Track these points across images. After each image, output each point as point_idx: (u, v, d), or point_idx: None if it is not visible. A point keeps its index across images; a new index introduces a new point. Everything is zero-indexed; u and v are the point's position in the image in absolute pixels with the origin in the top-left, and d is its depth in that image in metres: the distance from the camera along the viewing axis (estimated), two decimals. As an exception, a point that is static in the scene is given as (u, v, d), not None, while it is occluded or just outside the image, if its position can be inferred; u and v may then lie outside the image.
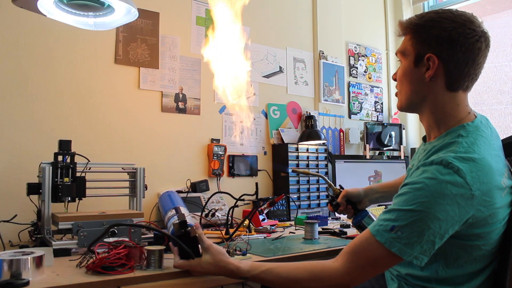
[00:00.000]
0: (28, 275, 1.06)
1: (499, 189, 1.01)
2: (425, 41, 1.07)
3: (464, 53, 1.04)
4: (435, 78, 1.08)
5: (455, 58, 1.05)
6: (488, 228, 1.01)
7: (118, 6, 1.51)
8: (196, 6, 2.37)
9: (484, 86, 3.14)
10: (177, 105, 2.25)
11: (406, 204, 0.98)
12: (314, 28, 2.93)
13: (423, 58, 1.08)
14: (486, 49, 1.06)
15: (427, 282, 1.10)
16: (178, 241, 1.16)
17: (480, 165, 0.98)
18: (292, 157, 2.50)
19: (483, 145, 1.04)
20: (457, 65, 1.05)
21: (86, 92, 1.99)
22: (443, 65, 1.06)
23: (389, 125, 3.10)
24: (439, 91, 1.09)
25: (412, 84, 1.12)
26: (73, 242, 1.39)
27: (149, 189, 1.77)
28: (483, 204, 0.98)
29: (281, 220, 2.28)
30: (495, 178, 1.01)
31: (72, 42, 1.96)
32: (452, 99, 1.09)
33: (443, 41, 1.04)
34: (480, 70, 1.08)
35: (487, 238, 1.03)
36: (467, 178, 0.96)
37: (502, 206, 1.02)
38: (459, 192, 0.95)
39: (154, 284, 1.14)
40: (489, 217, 1.00)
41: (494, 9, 3.24)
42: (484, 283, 1.08)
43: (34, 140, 1.84)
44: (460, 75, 1.06)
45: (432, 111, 1.12)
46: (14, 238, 1.66)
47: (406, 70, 1.13)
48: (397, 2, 3.49)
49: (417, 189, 0.97)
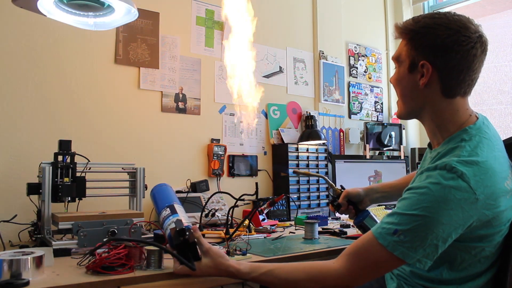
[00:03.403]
0: (28, 275, 1.06)
1: (503, 192, 1.01)
2: (419, 48, 1.06)
3: (459, 61, 1.03)
4: (430, 85, 1.07)
5: (449, 66, 1.04)
6: (492, 230, 1.01)
7: (118, 6, 1.51)
8: (196, 6, 2.37)
9: (484, 86, 3.14)
10: (177, 105, 2.25)
11: (410, 209, 0.97)
12: (314, 28, 2.93)
13: (417, 65, 1.07)
14: (482, 54, 1.05)
15: (430, 282, 1.11)
16: (177, 256, 1.14)
17: (484, 168, 0.98)
18: (292, 157, 2.50)
19: (486, 147, 1.03)
20: (451, 73, 1.04)
21: (86, 92, 1.99)
22: (437, 72, 1.05)
23: (389, 125, 3.10)
24: (436, 98, 1.08)
25: (407, 90, 1.12)
26: (73, 242, 1.38)
27: (149, 189, 1.77)
28: (487, 207, 0.97)
29: (281, 220, 2.28)
30: (499, 181, 1.00)
31: (72, 42, 1.96)
32: (450, 105, 1.08)
33: (437, 49, 1.04)
34: (477, 75, 1.07)
35: (491, 240, 1.03)
36: (471, 183, 0.95)
37: (506, 208, 1.02)
38: (463, 197, 0.94)
39: (154, 284, 1.14)
40: (493, 219, 1.00)
41: (494, 9, 3.24)
42: (486, 284, 1.08)
43: (34, 140, 1.84)
44: (455, 82, 1.05)
45: (432, 118, 1.11)
46: (14, 238, 1.66)
47: (401, 76, 1.12)
48: (397, 2, 3.49)
49: (421, 194, 0.97)
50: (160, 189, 1.57)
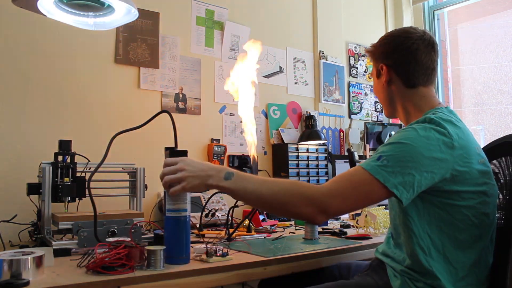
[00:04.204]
0: (28, 275, 1.06)
1: (475, 152, 1.12)
2: (378, 58, 1.32)
3: (404, 55, 1.25)
4: (392, 82, 1.28)
5: (399, 62, 1.27)
6: (466, 187, 1.08)
7: (118, 6, 1.51)
8: (196, 6, 2.37)
9: (484, 86, 3.14)
10: (177, 105, 2.25)
11: (395, 140, 1.09)
12: (314, 28, 2.93)
13: (379, 70, 1.31)
14: (427, 48, 1.25)
15: (431, 279, 1.12)
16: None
17: (459, 127, 1.12)
18: (292, 157, 2.50)
19: (458, 120, 1.18)
20: (403, 66, 1.26)
21: (86, 92, 1.99)
22: (392, 69, 1.28)
23: (389, 125, 3.10)
24: (401, 90, 1.28)
25: (380, 93, 1.34)
26: (73, 242, 1.38)
27: (149, 189, 1.77)
28: (462, 159, 1.08)
29: (281, 220, 2.28)
30: (472, 141, 1.15)
31: (72, 42, 1.96)
32: (415, 94, 1.26)
33: (387, 52, 1.29)
34: (430, 65, 1.26)
35: (467, 200, 1.09)
36: (448, 129, 1.08)
37: (477, 169, 1.10)
38: (442, 139, 1.07)
39: (154, 284, 1.14)
40: (466, 173, 1.08)
41: (494, 9, 3.24)
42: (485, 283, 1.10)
43: (34, 140, 1.84)
44: (410, 73, 1.25)
45: (403, 107, 1.29)
46: (14, 238, 1.65)
47: (375, 85, 1.37)
48: (397, 2, 3.49)
49: (405, 131, 1.11)
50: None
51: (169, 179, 1.18)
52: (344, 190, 1.07)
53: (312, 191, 1.09)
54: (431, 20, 3.46)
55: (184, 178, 1.16)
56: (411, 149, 1.05)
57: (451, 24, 3.55)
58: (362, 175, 1.06)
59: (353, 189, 1.07)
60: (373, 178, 1.04)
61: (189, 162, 1.20)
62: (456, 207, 1.10)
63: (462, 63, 3.48)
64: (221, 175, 1.15)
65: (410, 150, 1.05)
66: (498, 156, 1.28)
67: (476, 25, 3.45)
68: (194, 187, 1.17)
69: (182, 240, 1.27)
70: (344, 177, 1.10)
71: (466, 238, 1.12)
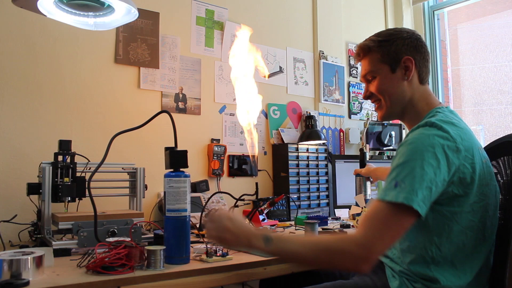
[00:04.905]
0: (28, 275, 1.06)
1: (478, 152, 1.13)
2: (399, 51, 1.26)
3: (426, 50, 1.29)
4: (412, 77, 1.27)
5: (424, 55, 1.28)
6: (472, 189, 1.09)
7: (118, 6, 1.51)
8: (196, 6, 2.37)
9: (484, 86, 3.14)
10: (177, 105, 2.25)
11: (402, 159, 1.07)
12: (314, 28, 2.93)
13: (399, 63, 1.26)
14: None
15: (429, 282, 1.11)
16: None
17: (460, 128, 1.13)
18: (292, 157, 2.50)
19: (458, 119, 1.20)
20: (424, 61, 1.28)
21: (86, 92, 1.99)
22: (416, 63, 1.27)
23: (389, 125, 3.09)
24: (415, 86, 1.27)
25: (394, 88, 1.27)
26: (73, 242, 1.39)
27: (149, 189, 1.77)
28: (466, 160, 1.08)
29: (281, 220, 2.28)
30: (475, 141, 1.15)
31: (72, 42, 1.96)
32: (425, 91, 1.29)
33: (410, 46, 1.26)
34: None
35: (472, 204, 1.10)
36: (451, 133, 1.08)
37: (481, 169, 1.12)
38: (446, 143, 1.07)
39: (154, 284, 1.14)
40: (473, 174, 1.09)
41: (494, 9, 3.24)
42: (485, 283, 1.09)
43: (34, 140, 1.84)
44: (426, 68, 1.29)
45: (413, 104, 1.27)
46: (14, 238, 1.66)
47: (385, 80, 1.28)
48: (397, 2, 3.49)
49: (409, 144, 1.09)
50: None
51: (215, 239, 1.21)
52: (377, 233, 1.03)
53: (351, 246, 1.05)
54: (431, 20, 3.46)
55: (228, 242, 1.19)
56: (421, 162, 1.04)
57: (451, 24, 3.55)
58: (386, 208, 1.04)
59: (385, 228, 1.03)
60: (396, 206, 1.02)
61: (234, 223, 1.18)
62: (463, 214, 1.10)
63: (462, 63, 3.48)
64: (261, 241, 1.14)
65: (420, 164, 1.04)
66: (498, 156, 1.28)
67: (476, 25, 3.45)
68: (235, 247, 1.31)
69: (182, 240, 1.27)
70: (372, 217, 1.06)
71: (473, 243, 1.12)
